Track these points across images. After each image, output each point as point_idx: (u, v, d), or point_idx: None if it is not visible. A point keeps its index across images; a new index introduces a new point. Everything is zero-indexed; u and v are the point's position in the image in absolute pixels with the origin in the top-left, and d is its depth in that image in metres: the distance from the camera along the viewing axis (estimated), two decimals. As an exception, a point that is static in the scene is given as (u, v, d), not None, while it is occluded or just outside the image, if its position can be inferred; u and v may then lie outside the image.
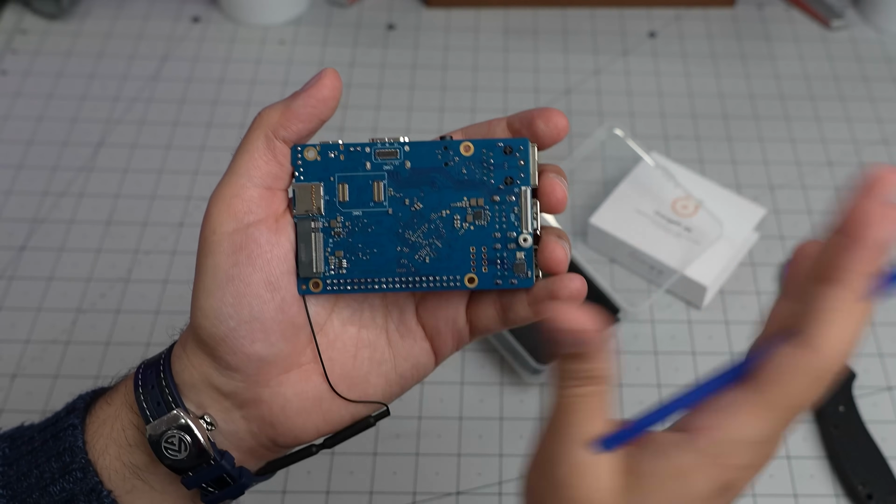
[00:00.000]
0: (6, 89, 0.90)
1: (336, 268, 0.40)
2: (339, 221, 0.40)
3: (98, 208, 0.81)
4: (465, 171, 0.40)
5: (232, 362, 0.39)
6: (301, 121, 0.39)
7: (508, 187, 0.40)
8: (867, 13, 0.97)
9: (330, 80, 0.39)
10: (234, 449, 0.41)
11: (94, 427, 0.42)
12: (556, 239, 0.40)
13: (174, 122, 0.87)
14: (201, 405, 0.41)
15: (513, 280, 0.40)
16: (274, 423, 0.41)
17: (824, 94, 0.91)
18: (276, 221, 0.40)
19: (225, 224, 0.39)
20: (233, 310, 0.39)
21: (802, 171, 0.85)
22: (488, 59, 0.94)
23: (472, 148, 0.40)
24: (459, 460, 0.67)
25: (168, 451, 0.40)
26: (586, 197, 0.81)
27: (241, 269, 0.39)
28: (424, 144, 0.40)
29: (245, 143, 0.40)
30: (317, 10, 0.98)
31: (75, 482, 0.40)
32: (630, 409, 0.69)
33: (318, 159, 0.40)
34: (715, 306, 0.75)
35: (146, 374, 0.41)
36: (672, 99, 0.90)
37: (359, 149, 0.40)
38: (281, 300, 0.39)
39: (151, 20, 0.96)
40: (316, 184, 0.40)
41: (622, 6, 0.98)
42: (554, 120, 0.39)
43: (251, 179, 0.39)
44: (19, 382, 0.70)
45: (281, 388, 0.41)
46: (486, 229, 0.40)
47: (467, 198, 0.40)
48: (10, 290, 0.75)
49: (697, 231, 0.75)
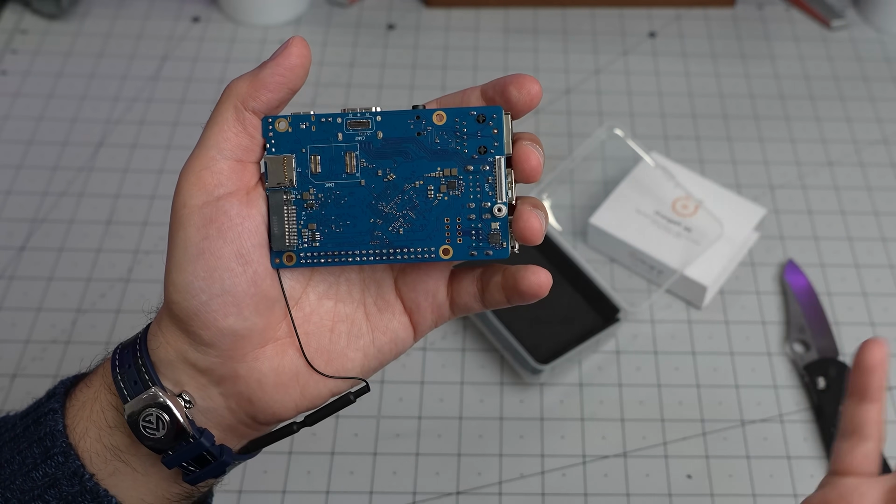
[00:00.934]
0: (6, 89, 0.90)
1: (309, 241, 0.40)
2: (312, 193, 0.40)
3: (98, 208, 0.81)
4: (438, 140, 0.39)
5: (205, 337, 0.39)
6: (270, 90, 0.39)
7: (482, 157, 0.39)
8: (867, 13, 0.97)
9: (297, 47, 0.39)
10: (214, 426, 0.41)
11: (74, 410, 0.42)
12: (531, 208, 0.39)
13: (174, 122, 0.87)
14: (178, 382, 0.40)
15: (488, 251, 0.40)
16: (251, 399, 0.41)
17: (824, 93, 0.91)
18: (248, 194, 0.39)
19: (195, 197, 0.38)
20: (204, 283, 0.38)
21: (802, 171, 0.85)
22: (488, 59, 0.94)
23: (444, 117, 0.39)
24: (459, 460, 0.67)
25: (146, 430, 0.39)
26: (586, 197, 0.81)
27: (212, 243, 0.38)
28: (396, 114, 0.40)
29: (214, 115, 0.39)
30: (317, 10, 0.98)
31: (57, 466, 0.40)
32: (630, 409, 0.69)
33: (289, 130, 0.39)
34: (715, 306, 0.75)
35: (123, 354, 0.41)
36: (672, 99, 0.90)
37: (330, 119, 0.40)
38: (253, 273, 0.39)
39: (151, 20, 0.96)
40: (288, 155, 0.39)
41: (622, 6, 0.98)
42: (527, 86, 0.39)
43: (221, 152, 0.39)
44: (19, 382, 0.70)
45: (257, 363, 0.40)
46: (461, 199, 0.40)
47: (441, 168, 0.39)
48: (10, 290, 0.75)
49: (697, 231, 0.75)
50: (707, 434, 0.68)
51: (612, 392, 0.70)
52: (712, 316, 0.75)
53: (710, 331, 0.74)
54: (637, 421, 0.69)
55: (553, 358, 0.69)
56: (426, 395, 0.70)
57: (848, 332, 0.73)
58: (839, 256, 0.78)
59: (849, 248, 0.79)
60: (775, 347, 0.73)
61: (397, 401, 0.69)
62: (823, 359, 0.71)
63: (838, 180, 0.84)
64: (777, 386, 0.71)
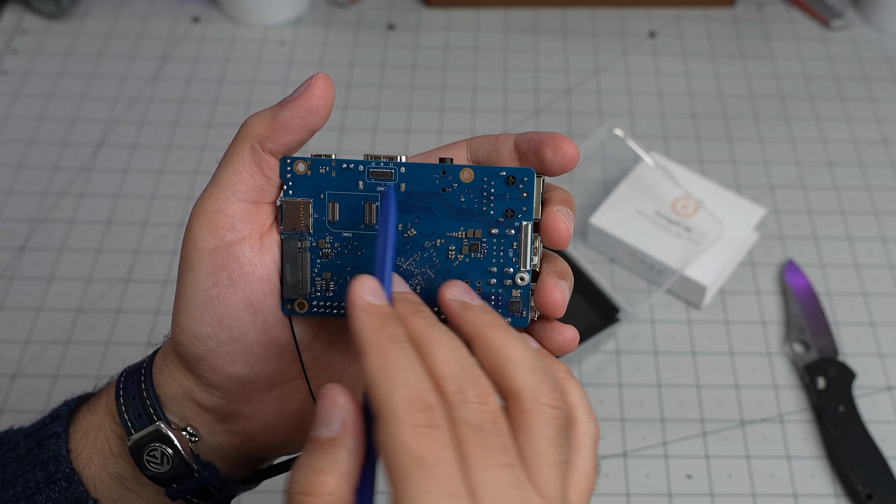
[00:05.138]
0: (6, 89, 0.90)
1: (323, 290, 0.38)
2: (328, 242, 0.38)
3: (98, 208, 0.81)
4: (464, 199, 0.37)
5: (212, 381, 0.38)
6: (289, 132, 0.37)
7: (508, 220, 0.37)
8: (867, 13, 0.97)
9: (321, 88, 0.37)
10: (219, 460, 0.41)
11: (78, 437, 0.41)
12: (555, 280, 0.37)
13: (174, 122, 0.87)
14: (184, 417, 0.40)
15: (506, 319, 0.37)
16: (256, 439, 0.40)
17: (824, 94, 0.91)
18: (261, 238, 0.38)
19: (206, 240, 0.37)
20: (212, 331, 0.37)
21: (802, 171, 0.85)
22: (488, 59, 0.94)
23: (472, 175, 0.37)
24: (459, 460, 0.67)
25: (150, 465, 0.39)
26: (586, 197, 0.81)
27: (222, 290, 0.37)
28: (422, 167, 0.37)
29: (230, 154, 0.38)
30: (317, 10, 0.98)
31: (60, 491, 0.40)
32: (630, 409, 0.69)
33: (308, 174, 0.37)
34: (715, 306, 0.75)
35: (128, 383, 0.40)
36: (672, 99, 0.90)
37: (351, 166, 0.37)
38: (263, 322, 0.38)
39: (151, 20, 0.96)
40: (305, 200, 0.37)
41: (622, 6, 0.98)
42: (563, 150, 0.37)
43: (235, 193, 0.37)
44: (19, 382, 0.70)
45: (263, 405, 0.40)
46: (482, 263, 0.38)
47: (464, 228, 0.37)
48: (10, 290, 0.75)
49: (697, 231, 0.75)
50: (707, 434, 0.68)
51: (612, 392, 0.70)
52: (712, 316, 0.75)
53: (710, 331, 0.74)
54: (637, 421, 0.69)
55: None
56: (426, 395, 0.70)
57: (848, 332, 0.73)
58: (839, 256, 0.78)
59: (849, 248, 0.79)
60: (775, 347, 0.73)
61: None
62: (823, 359, 0.71)
63: (838, 180, 0.84)
64: (777, 386, 0.71)
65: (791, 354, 0.72)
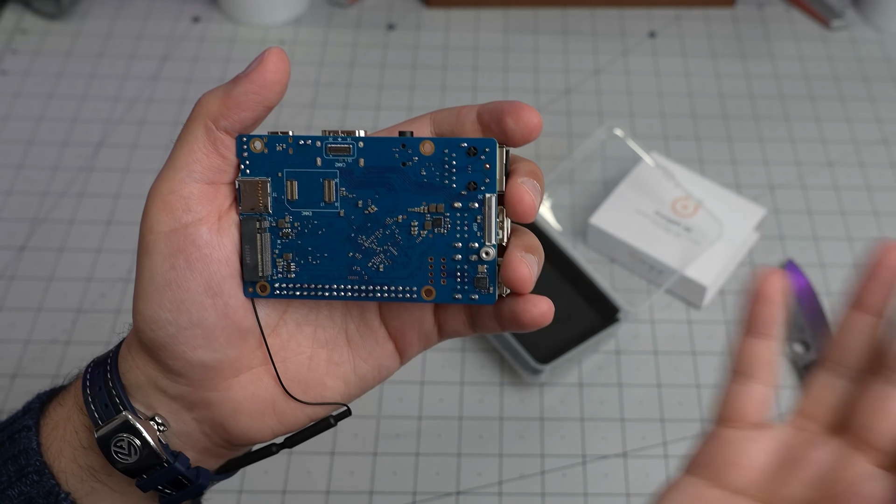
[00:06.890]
0: (6, 89, 0.90)
1: (284, 271, 0.38)
2: (288, 221, 0.37)
3: (98, 208, 0.81)
4: (425, 172, 0.36)
5: (175, 367, 0.38)
6: (243, 109, 0.36)
7: (471, 193, 0.36)
8: (867, 13, 0.97)
9: (274, 62, 0.36)
10: (190, 449, 0.40)
11: (48, 429, 0.40)
12: (522, 254, 0.36)
13: (174, 122, 0.87)
14: (150, 406, 0.39)
15: (473, 295, 0.36)
16: (225, 426, 0.39)
17: (824, 94, 0.91)
18: (220, 219, 0.37)
19: (162, 223, 0.36)
20: (171, 316, 0.36)
21: (802, 171, 0.85)
22: (488, 59, 0.94)
23: (432, 147, 0.36)
24: (459, 460, 0.67)
25: (119, 455, 0.38)
26: (586, 197, 0.81)
27: (179, 274, 0.36)
28: (381, 141, 0.36)
29: (184, 134, 0.37)
30: (317, 10, 0.98)
31: (32, 485, 0.39)
32: (631, 409, 0.69)
33: (265, 151, 0.37)
34: (715, 306, 0.75)
35: (94, 374, 0.40)
36: (672, 99, 0.90)
37: (309, 142, 0.36)
38: (224, 305, 0.37)
39: (151, 20, 0.96)
40: (263, 179, 0.37)
41: (622, 6, 0.98)
42: (525, 118, 0.35)
43: (190, 174, 0.36)
44: (19, 382, 0.70)
45: (230, 392, 0.38)
46: (446, 238, 0.36)
47: (426, 203, 0.36)
48: (10, 290, 0.75)
49: (697, 231, 0.75)
50: (707, 434, 0.68)
51: (612, 392, 0.70)
52: (712, 316, 0.75)
53: (710, 331, 0.74)
54: (637, 421, 0.69)
55: (553, 358, 0.69)
56: (426, 396, 0.70)
57: (848, 332, 0.73)
58: (839, 256, 0.78)
59: (849, 248, 0.79)
60: (775, 347, 0.73)
61: (397, 401, 0.69)
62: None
63: (838, 180, 0.84)
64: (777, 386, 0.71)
65: (791, 354, 0.72)
